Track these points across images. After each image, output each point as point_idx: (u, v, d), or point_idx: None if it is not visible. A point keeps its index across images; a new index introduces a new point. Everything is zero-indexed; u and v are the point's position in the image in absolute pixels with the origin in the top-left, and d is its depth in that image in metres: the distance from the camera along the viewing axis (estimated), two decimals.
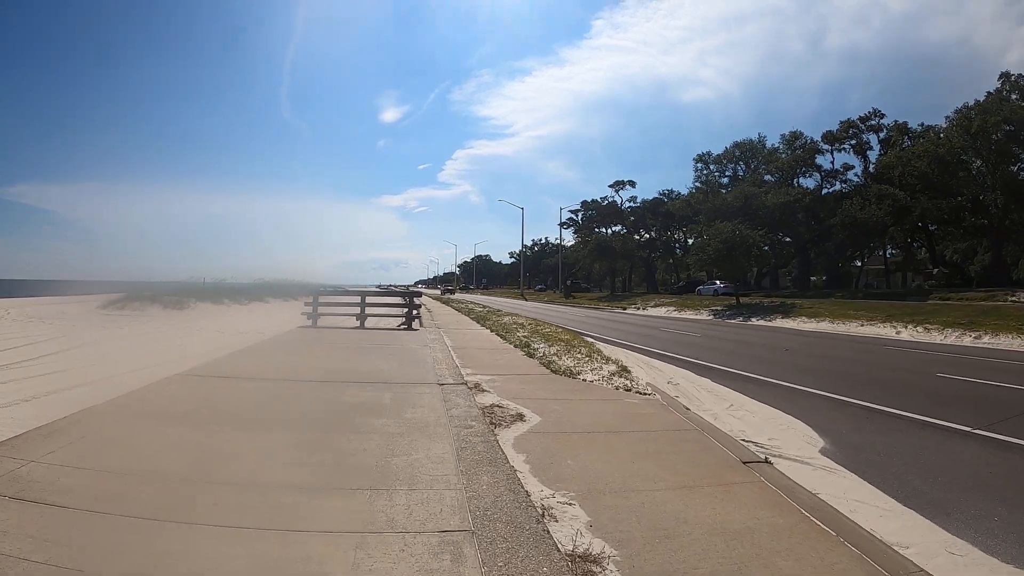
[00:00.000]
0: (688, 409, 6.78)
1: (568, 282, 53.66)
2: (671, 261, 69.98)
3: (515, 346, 10.78)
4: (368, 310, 14.71)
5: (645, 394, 7.18)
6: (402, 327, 14.40)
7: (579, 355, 10.16)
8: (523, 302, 45.78)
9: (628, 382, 7.82)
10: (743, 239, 27.86)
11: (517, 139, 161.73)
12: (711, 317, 27.00)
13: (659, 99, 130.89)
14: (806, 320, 23.53)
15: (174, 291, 32.24)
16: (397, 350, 9.81)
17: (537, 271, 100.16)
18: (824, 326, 21.96)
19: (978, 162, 38.81)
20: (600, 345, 12.81)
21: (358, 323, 14.32)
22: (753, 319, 25.14)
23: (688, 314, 28.75)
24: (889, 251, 50.32)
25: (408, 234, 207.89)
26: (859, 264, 53.12)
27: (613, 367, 9.10)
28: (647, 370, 9.65)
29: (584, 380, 7.69)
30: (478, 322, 17.08)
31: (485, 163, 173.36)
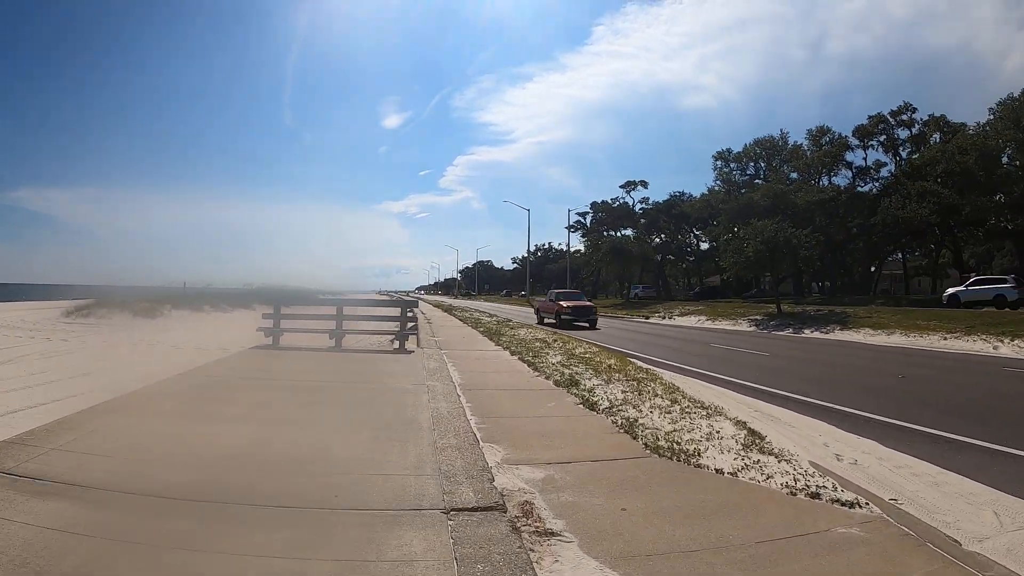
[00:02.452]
0: (980, 556, 3.20)
1: (583, 288, 49.89)
2: (683, 266, 66.44)
3: (557, 383, 7.15)
4: (347, 324, 11.10)
5: (853, 505, 3.61)
6: (393, 344, 10.80)
7: (658, 399, 6.57)
8: (531, 309, 42.14)
9: (790, 469, 4.26)
10: (787, 239, 24.31)
11: (518, 145, 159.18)
12: (753, 328, 23.39)
13: (660, 105, 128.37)
14: (872, 332, 19.94)
15: (151, 297, 28.79)
16: (373, 396, 6.19)
17: (541, 277, 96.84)
18: (898, 340, 18.40)
19: (1007, 161, 35.81)
20: (665, 374, 9.22)
21: (332, 342, 10.72)
22: (806, 331, 21.55)
23: (724, 324, 25.14)
24: (903, 255, 46.91)
25: (410, 240, 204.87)
26: (872, 269, 49.44)
27: (729, 427, 5.54)
28: (778, 428, 6.04)
29: (718, 471, 4.08)
30: (490, 338, 13.47)
31: (486, 169, 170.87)
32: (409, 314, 11.55)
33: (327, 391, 6.39)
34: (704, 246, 60.69)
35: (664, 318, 29.21)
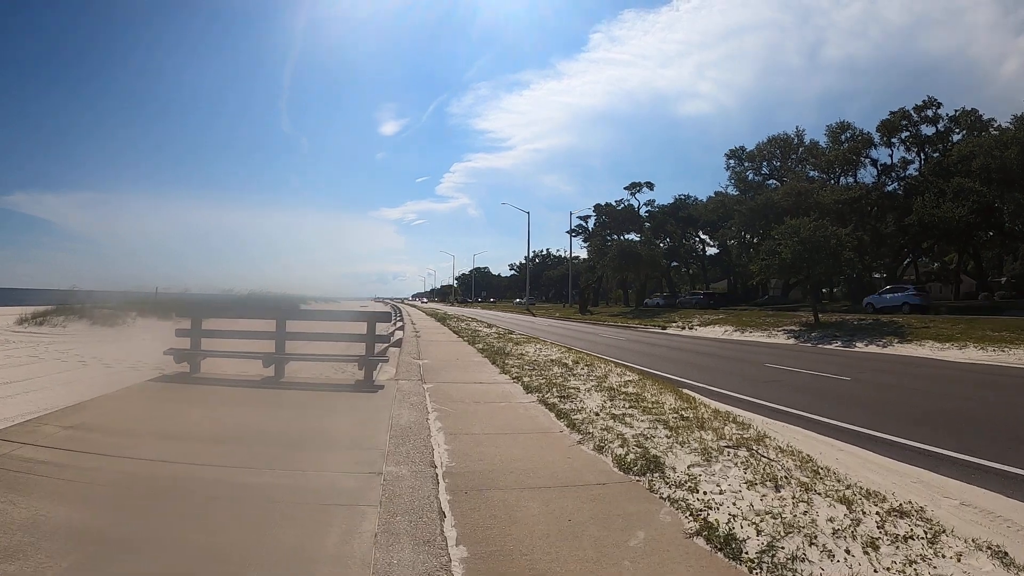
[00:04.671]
0: None
1: (585, 295, 46.71)
2: (689, 271, 63.40)
3: (623, 465, 3.94)
4: (292, 345, 7.91)
5: None
6: (363, 371, 7.61)
7: (823, 503, 3.44)
8: (532, 318, 38.96)
9: None
10: (827, 239, 21.32)
11: (515, 152, 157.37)
12: (793, 341, 20.29)
13: (658, 112, 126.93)
14: (940, 346, 16.92)
15: (118, 303, 25.55)
16: (265, 516, 2.98)
17: (539, 283, 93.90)
18: (977, 355, 15.41)
19: None
20: (757, 421, 6.10)
21: (270, 370, 7.54)
22: (858, 344, 18.47)
23: (756, 336, 22.03)
24: (915, 259, 44.12)
25: (406, 247, 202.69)
26: (898, 273, 46.56)
27: None
28: None
29: None
30: (492, 360, 10.28)
31: (483, 176, 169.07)
32: (395, 325, 8.39)
33: (180, 495, 3.20)
34: (711, 251, 57.91)
35: (684, 328, 26.08)
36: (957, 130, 39.70)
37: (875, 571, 2.72)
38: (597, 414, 5.51)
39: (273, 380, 7.37)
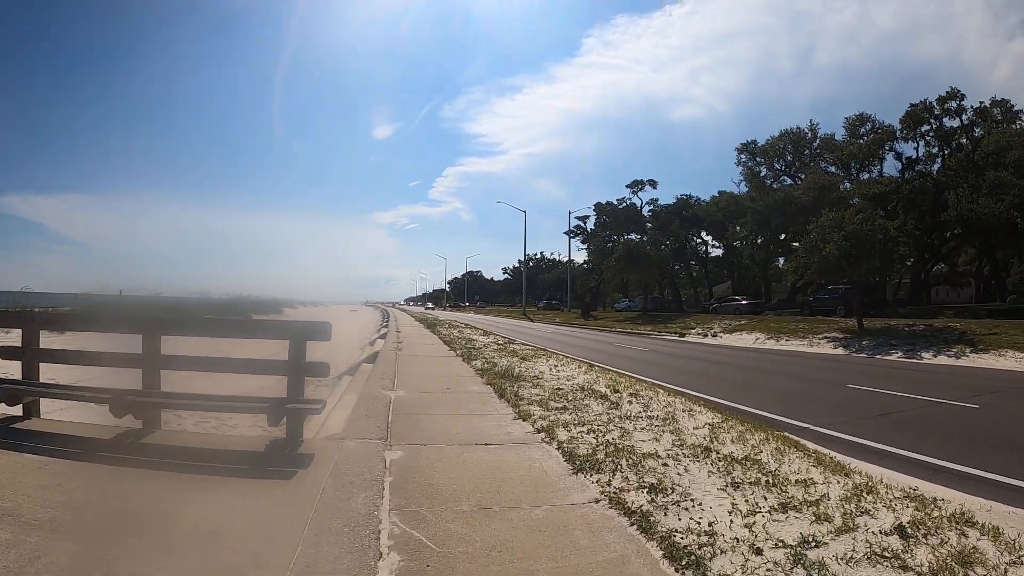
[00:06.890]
0: None
1: (587, 299, 43.72)
2: (692, 273, 60.67)
3: None
4: (172, 379, 4.87)
5: None
6: (282, 426, 4.52)
7: None
8: (530, 324, 35.94)
9: None
10: (874, 233, 18.57)
11: (507, 156, 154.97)
12: (841, 350, 17.43)
13: (651, 117, 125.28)
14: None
15: (76, 307, 22.36)
16: None
17: (533, 287, 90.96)
18: None
19: None
20: (976, 512, 3.13)
21: (135, 422, 4.49)
22: (924, 354, 15.62)
23: (796, 344, 19.14)
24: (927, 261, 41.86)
25: (399, 251, 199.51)
26: (922, 275, 44.17)
27: None
28: None
29: None
30: (498, 389, 7.22)
31: (475, 180, 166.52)
32: (377, 333, 5.60)
33: None
34: (716, 251, 55.21)
35: (705, 336, 23.16)
36: (980, 122, 37.44)
37: None
38: (758, 550, 2.51)
39: (134, 439, 4.31)
